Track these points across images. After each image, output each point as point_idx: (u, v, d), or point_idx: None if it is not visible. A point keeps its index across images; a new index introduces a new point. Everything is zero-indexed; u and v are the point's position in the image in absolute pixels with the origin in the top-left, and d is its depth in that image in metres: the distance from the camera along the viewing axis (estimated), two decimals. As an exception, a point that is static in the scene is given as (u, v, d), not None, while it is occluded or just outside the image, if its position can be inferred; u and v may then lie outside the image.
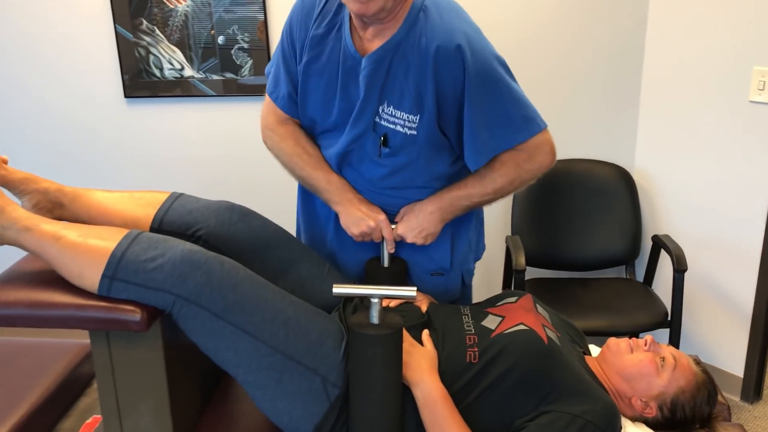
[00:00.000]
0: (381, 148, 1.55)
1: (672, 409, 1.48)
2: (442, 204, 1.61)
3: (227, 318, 1.34)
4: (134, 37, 2.70)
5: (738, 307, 2.62)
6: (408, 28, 1.47)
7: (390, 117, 1.52)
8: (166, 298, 1.32)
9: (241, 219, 1.59)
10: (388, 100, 1.51)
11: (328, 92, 1.58)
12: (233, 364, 1.37)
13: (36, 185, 1.50)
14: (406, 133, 1.52)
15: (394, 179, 1.61)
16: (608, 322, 2.45)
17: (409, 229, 1.63)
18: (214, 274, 1.34)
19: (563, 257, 2.81)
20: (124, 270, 1.32)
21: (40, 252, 1.36)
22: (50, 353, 1.85)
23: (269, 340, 1.35)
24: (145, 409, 1.45)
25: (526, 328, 1.45)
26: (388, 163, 1.58)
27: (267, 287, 1.41)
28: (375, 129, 1.54)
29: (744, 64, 2.41)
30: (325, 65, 1.56)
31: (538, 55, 2.73)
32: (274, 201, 2.91)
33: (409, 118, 1.51)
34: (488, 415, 1.39)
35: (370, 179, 1.63)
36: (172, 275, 1.32)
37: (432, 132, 1.52)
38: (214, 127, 2.85)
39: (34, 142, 2.89)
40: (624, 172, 2.79)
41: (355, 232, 1.65)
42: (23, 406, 1.63)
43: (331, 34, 1.55)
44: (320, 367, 1.37)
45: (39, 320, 1.34)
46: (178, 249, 1.35)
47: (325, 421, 1.37)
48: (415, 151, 1.55)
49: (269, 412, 1.40)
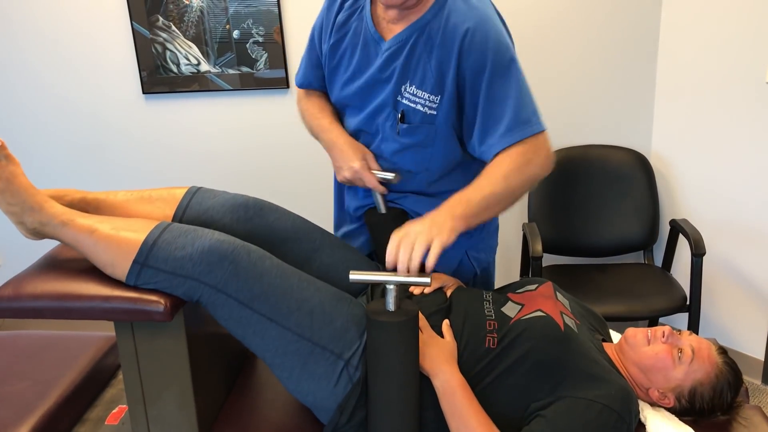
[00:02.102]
0: (399, 124, 1.57)
1: (690, 400, 1.48)
2: (451, 203, 1.43)
3: (254, 307, 1.39)
4: (151, 33, 2.73)
5: (757, 289, 2.61)
6: (436, 10, 1.51)
7: (412, 96, 1.55)
8: (195, 286, 1.38)
9: (256, 214, 1.61)
10: (410, 80, 1.54)
11: (352, 72, 1.63)
12: (261, 348, 1.43)
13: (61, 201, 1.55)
14: (426, 112, 1.55)
15: (407, 157, 1.62)
16: (627, 308, 2.45)
17: (405, 234, 1.37)
18: (241, 264, 1.39)
19: (581, 243, 2.81)
20: (154, 257, 1.37)
21: (75, 244, 1.44)
22: (77, 346, 1.89)
23: (295, 327, 1.40)
24: (169, 398, 1.49)
25: (544, 315, 1.46)
26: (405, 140, 1.60)
27: (294, 276, 1.46)
28: (395, 107, 1.58)
29: (760, 47, 2.39)
30: (348, 47, 1.62)
31: (554, 42, 2.72)
32: (293, 192, 2.95)
33: (430, 98, 1.53)
34: (504, 399, 1.40)
35: (385, 158, 1.65)
36: (200, 264, 1.37)
37: (450, 114, 1.54)
38: (232, 121, 2.87)
39: (55, 139, 2.93)
40: (641, 157, 2.79)
41: (339, 179, 1.69)
42: (51, 397, 1.67)
43: (353, 17, 1.62)
44: (345, 352, 1.42)
45: (65, 312, 1.38)
46: (206, 238, 1.41)
47: (348, 401, 1.42)
48: (433, 130, 1.57)
49: (295, 392, 1.46)
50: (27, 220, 1.44)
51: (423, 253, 1.33)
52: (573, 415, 1.34)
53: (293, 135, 2.85)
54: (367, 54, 1.59)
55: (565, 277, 2.67)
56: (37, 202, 1.44)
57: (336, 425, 1.45)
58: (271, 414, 1.60)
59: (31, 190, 1.44)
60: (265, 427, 1.56)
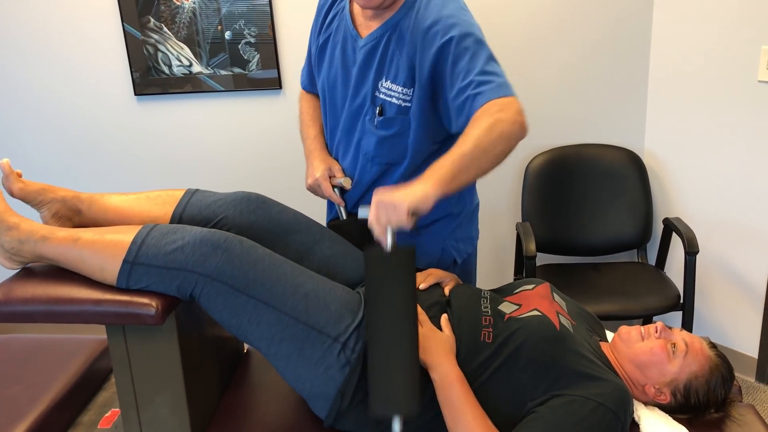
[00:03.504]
0: (377, 117, 1.66)
1: (685, 395, 1.48)
2: (425, 173, 1.38)
3: (249, 292, 1.39)
4: (142, 35, 2.72)
5: (751, 287, 2.61)
6: (406, 9, 1.61)
7: (387, 91, 1.64)
8: (189, 278, 1.37)
9: (259, 206, 1.63)
10: (385, 75, 1.64)
11: (334, 69, 1.73)
12: (256, 337, 1.43)
13: (53, 194, 1.54)
14: (400, 104, 1.63)
15: (385, 148, 1.68)
16: (621, 306, 2.46)
17: (379, 201, 1.33)
18: (234, 251, 1.40)
19: (574, 242, 2.81)
20: (144, 254, 1.37)
21: (60, 258, 1.42)
22: (68, 349, 1.88)
23: (291, 311, 1.41)
24: (162, 401, 1.48)
25: (540, 314, 1.47)
26: (382, 132, 1.67)
27: (286, 263, 1.47)
28: (374, 102, 1.67)
29: (752, 44, 2.39)
30: (333, 45, 1.73)
31: (545, 41, 2.72)
32: (288, 191, 2.94)
33: (404, 91, 1.62)
34: (501, 396, 1.41)
35: (367, 153, 1.72)
36: (193, 255, 1.37)
37: (423, 104, 1.61)
38: (225, 122, 2.87)
39: (47, 142, 2.92)
40: (634, 156, 2.79)
41: (306, 187, 1.84)
42: (44, 401, 1.66)
43: (337, 16, 1.73)
44: (341, 335, 1.43)
45: (56, 316, 1.37)
46: (196, 231, 1.41)
47: (347, 384, 1.43)
48: (407, 121, 1.64)
49: (292, 380, 1.46)
50: (4, 240, 1.42)
51: (401, 215, 1.29)
52: (568, 412, 1.34)
53: (286, 135, 2.85)
54: (345, 51, 1.69)
55: (559, 277, 2.68)
56: (13, 222, 1.42)
57: (338, 410, 1.45)
58: (265, 415, 1.60)
59: (8, 211, 1.43)
60: (259, 428, 1.56)
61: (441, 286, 1.63)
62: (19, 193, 1.50)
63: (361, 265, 1.66)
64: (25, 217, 1.47)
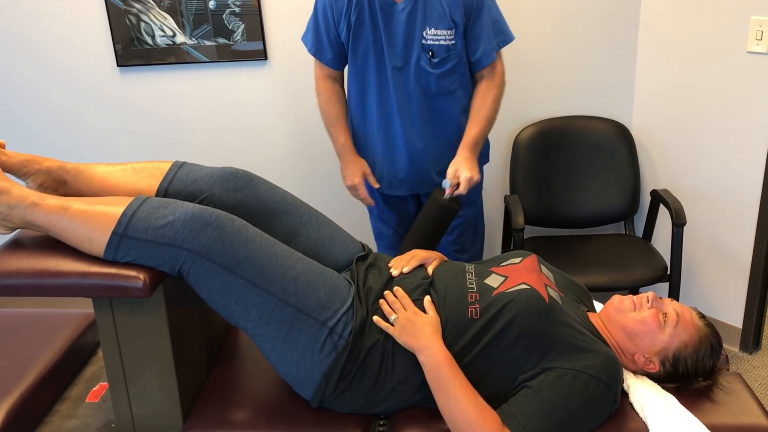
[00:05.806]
0: (431, 60, 2.06)
1: (674, 364, 1.49)
2: (467, 144, 2.12)
3: (239, 272, 1.38)
4: (124, 4, 2.66)
5: (736, 258, 2.63)
6: None
7: (434, 36, 2.04)
8: (177, 254, 1.35)
9: (246, 185, 1.60)
10: (428, 24, 2.03)
11: (375, 36, 2.06)
12: (243, 318, 1.41)
13: (38, 165, 1.51)
14: (448, 45, 2.06)
15: (445, 82, 2.10)
16: (608, 278, 2.47)
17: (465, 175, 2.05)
18: (225, 229, 1.38)
19: (563, 215, 2.82)
20: (134, 228, 1.35)
21: (48, 226, 1.39)
22: (55, 323, 1.86)
23: (280, 294, 1.40)
24: (150, 374, 1.47)
25: (528, 287, 1.46)
26: (438, 70, 2.08)
27: (276, 245, 1.45)
28: (423, 49, 2.05)
29: (741, 14, 2.38)
30: (372, 15, 2.04)
31: (534, 12, 2.70)
32: (272, 165, 2.92)
33: (448, 33, 2.05)
34: (491, 371, 1.41)
35: (425, 92, 2.11)
36: (183, 231, 1.35)
37: (462, 39, 2.08)
38: (210, 94, 2.83)
39: (30, 114, 2.87)
40: (622, 128, 2.78)
41: (346, 184, 2.26)
42: (30, 375, 1.65)
43: None
44: (329, 320, 1.42)
45: (42, 289, 1.35)
46: (188, 206, 1.39)
47: (333, 370, 1.42)
48: (456, 55, 2.09)
49: (278, 363, 1.45)
50: None
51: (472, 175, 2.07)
52: (560, 385, 1.35)
53: (271, 107, 2.82)
54: (386, 17, 2.03)
55: (547, 249, 2.68)
56: (4, 186, 1.39)
57: (322, 396, 1.45)
58: (254, 388, 1.60)
59: None
60: (248, 402, 1.55)
61: (424, 267, 1.62)
62: (2, 165, 1.47)
63: (347, 250, 1.65)
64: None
